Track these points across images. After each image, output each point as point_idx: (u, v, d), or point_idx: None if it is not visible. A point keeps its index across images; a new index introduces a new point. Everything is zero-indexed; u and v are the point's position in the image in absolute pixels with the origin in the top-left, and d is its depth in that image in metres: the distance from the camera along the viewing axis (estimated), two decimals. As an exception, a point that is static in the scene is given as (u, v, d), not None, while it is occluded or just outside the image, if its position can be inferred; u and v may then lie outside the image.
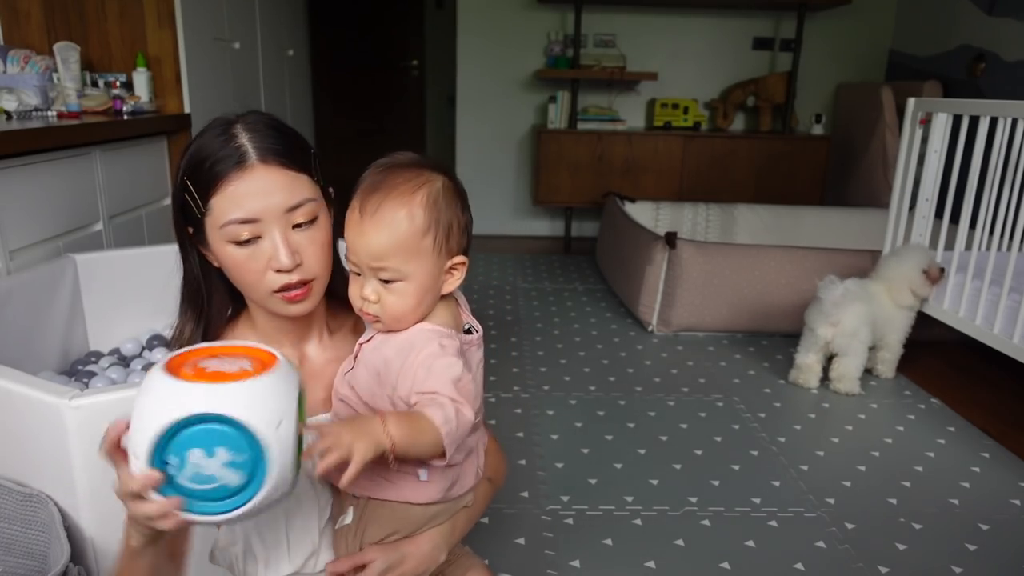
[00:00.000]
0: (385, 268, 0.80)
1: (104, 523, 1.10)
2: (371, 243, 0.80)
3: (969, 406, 2.34)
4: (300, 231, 0.83)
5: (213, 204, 0.80)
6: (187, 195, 0.82)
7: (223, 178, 0.79)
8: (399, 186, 0.81)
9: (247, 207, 0.80)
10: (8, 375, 1.09)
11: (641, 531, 1.66)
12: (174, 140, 2.59)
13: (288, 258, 0.81)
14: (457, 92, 4.52)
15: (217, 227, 0.81)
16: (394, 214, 0.79)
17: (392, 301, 0.82)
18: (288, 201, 0.81)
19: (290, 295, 0.84)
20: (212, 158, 0.80)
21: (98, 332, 1.90)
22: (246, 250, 0.81)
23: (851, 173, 4.17)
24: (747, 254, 2.90)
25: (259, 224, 0.81)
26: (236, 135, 0.81)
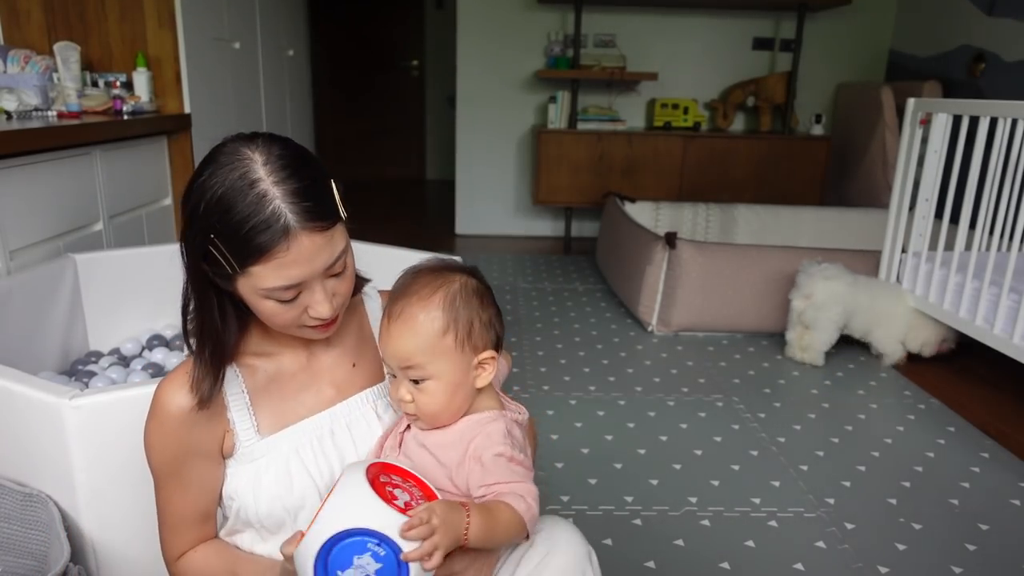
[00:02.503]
0: (412, 368, 0.86)
1: (104, 523, 1.10)
2: (397, 347, 0.85)
3: (969, 406, 2.34)
4: (335, 279, 0.84)
5: (253, 271, 0.78)
6: (215, 250, 0.77)
7: (266, 252, 0.76)
8: (419, 290, 0.86)
9: (293, 276, 0.78)
10: (8, 375, 1.09)
11: (641, 531, 1.66)
12: (174, 140, 2.59)
13: (330, 311, 0.83)
14: (457, 92, 4.52)
15: (255, 287, 0.79)
16: (415, 317, 0.85)
17: (425, 401, 0.87)
18: (328, 261, 0.81)
19: (322, 328, 0.86)
20: (248, 224, 0.75)
21: (98, 332, 1.90)
22: (286, 306, 0.82)
23: (851, 173, 4.17)
24: (747, 254, 2.90)
25: (301, 285, 0.81)
26: (266, 192, 0.75)
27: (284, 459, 0.89)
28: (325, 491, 0.90)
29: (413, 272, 0.89)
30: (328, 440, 0.92)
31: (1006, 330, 2.17)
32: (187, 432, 0.86)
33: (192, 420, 0.85)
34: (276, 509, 0.88)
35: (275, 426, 0.90)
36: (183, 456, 0.87)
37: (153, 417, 0.86)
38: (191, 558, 0.92)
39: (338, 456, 0.91)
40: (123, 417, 1.06)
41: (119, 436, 1.06)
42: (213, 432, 0.88)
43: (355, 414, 0.94)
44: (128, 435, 1.06)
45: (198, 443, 0.87)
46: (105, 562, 1.12)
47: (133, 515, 1.10)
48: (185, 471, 0.88)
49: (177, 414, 0.85)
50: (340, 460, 0.91)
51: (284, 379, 0.92)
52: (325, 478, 0.90)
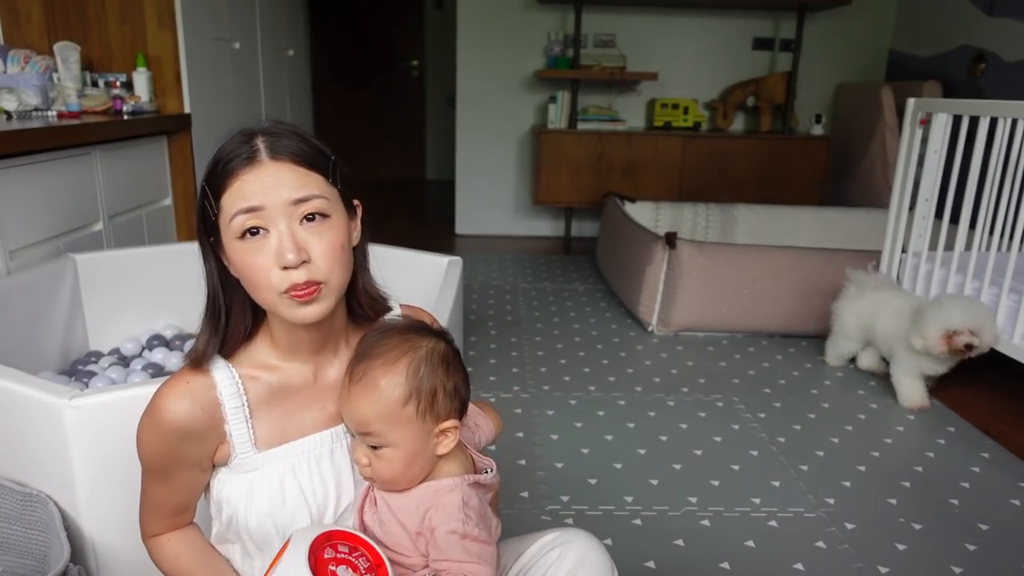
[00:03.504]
0: (370, 435, 0.83)
1: (104, 523, 1.10)
2: (356, 410, 0.83)
3: (969, 406, 2.34)
4: (309, 226, 0.80)
5: (223, 202, 0.79)
6: (205, 200, 0.81)
7: (232, 174, 0.79)
8: (384, 354, 0.84)
9: (252, 198, 0.78)
10: (8, 375, 1.09)
11: (641, 531, 1.66)
12: (174, 140, 2.59)
13: (293, 252, 0.78)
14: (457, 92, 4.52)
15: (227, 224, 0.80)
16: (376, 383, 0.82)
17: (382, 467, 0.84)
18: (295, 193, 0.79)
19: (298, 294, 0.80)
20: (226, 158, 0.80)
21: (98, 332, 1.90)
22: (251, 243, 0.79)
23: (851, 173, 4.17)
24: (747, 254, 2.90)
25: (264, 213, 0.78)
26: (254, 138, 0.81)
27: (279, 475, 0.88)
28: (317, 512, 0.88)
29: (381, 332, 0.87)
30: (326, 460, 0.90)
31: (1006, 330, 2.17)
32: (179, 443, 0.85)
33: (186, 433, 0.85)
34: (266, 525, 0.87)
35: (273, 441, 0.89)
36: (171, 461, 0.87)
37: (148, 417, 0.86)
38: (165, 543, 0.93)
39: (334, 476, 0.90)
40: (123, 417, 1.06)
41: (119, 436, 1.06)
42: (206, 447, 0.87)
43: None
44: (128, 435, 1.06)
45: (188, 455, 0.86)
46: (105, 562, 1.12)
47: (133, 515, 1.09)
48: (170, 473, 0.88)
49: (173, 424, 0.84)
50: (336, 481, 0.90)
51: (288, 394, 0.90)
52: (319, 498, 0.89)
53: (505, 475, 0.94)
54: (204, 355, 0.86)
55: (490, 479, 0.91)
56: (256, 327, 0.90)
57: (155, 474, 0.88)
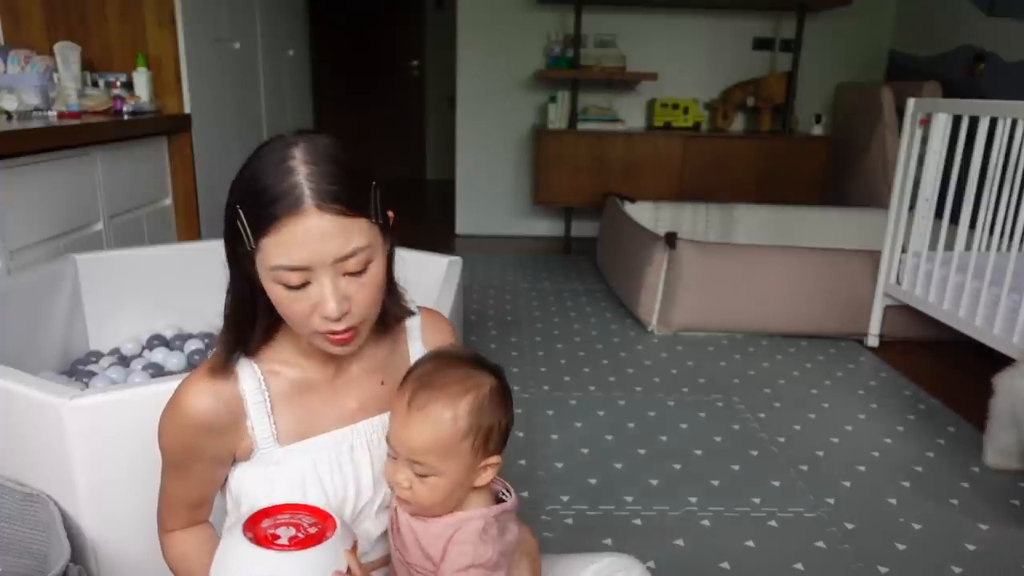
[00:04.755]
0: (422, 463, 0.83)
1: (104, 523, 1.10)
2: (413, 438, 0.83)
3: (969, 406, 2.34)
4: (351, 278, 0.79)
5: (263, 244, 0.76)
6: (239, 223, 0.78)
7: (276, 222, 0.74)
8: (449, 386, 0.83)
9: (297, 256, 0.75)
10: (8, 375, 1.09)
11: (641, 531, 1.66)
12: (174, 140, 2.59)
13: (336, 309, 0.77)
14: (457, 92, 4.52)
15: (265, 266, 0.77)
16: (440, 415, 0.82)
17: (424, 493, 0.85)
18: (340, 251, 0.76)
19: (335, 339, 0.81)
20: (267, 194, 0.75)
21: (98, 332, 1.90)
22: (294, 293, 0.78)
23: (851, 173, 4.17)
24: (747, 254, 2.90)
25: (308, 272, 0.77)
26: (294, 168, 0.75)
27: (299, 471, 0.87)
28: (337, 507, 0.88)
29: (442, 360, 0.87)
30: (346, 456, 0.90)
31: (1006, 330, 2.17)
32: (200, 438, 0.85)
33: (207, 428, 0.84)
34: None
35: (295, 436, 0.88)
36: (191, 456, 0.87)
37: (170, 411, 0.86)
38: (178, 542, 0.93)
39: (354, 474, 0.90)
40: (123, 417, 1.06)
41: (119, 436, 1.06)
42: (227, 442, 0.87)
43: (378, 433, 0.92)
44: (128, 435, 1.06)
45: (209, 449, 0.86)
46: (105, 562, 1.12)
47: (133, 515, 1.10)
48: (189, 467, 0.88)
49: (194, 419, 0.84)
50: (355, 478, 0.90)
51: (309, 390, 0.89)
52: (339, 495, 0.88)
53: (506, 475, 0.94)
54: (227, 356, 0.86)
55: (512, 503, 0.92)
56: (278, 325, 0.88)
57: (175, 468, 0.89)
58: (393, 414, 0.85)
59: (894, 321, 2.82)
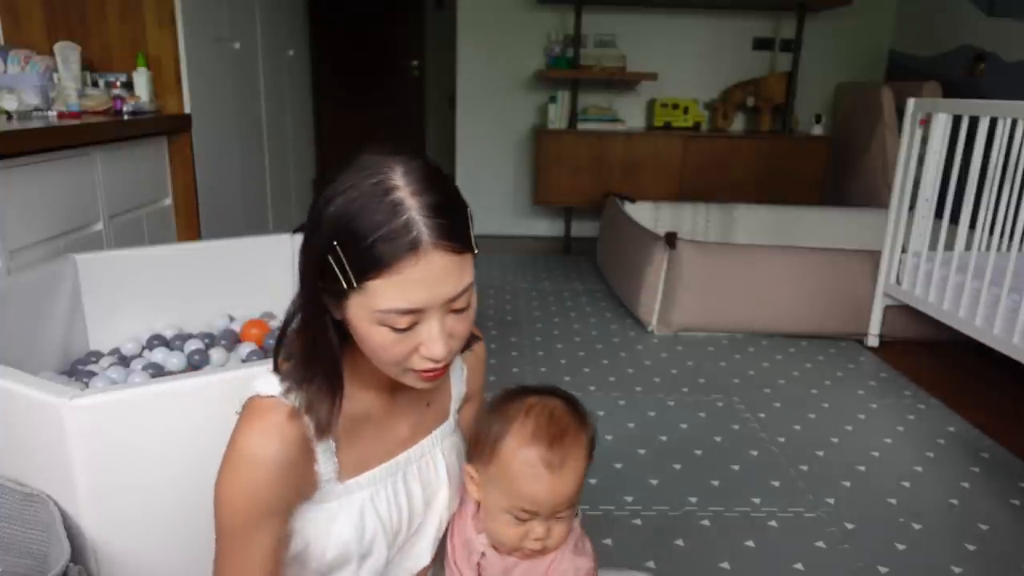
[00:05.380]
0: (568, 508, 0.86)
1: (104, 523, 1.10)
2: (563, 494, 0.85)
3: (969, 406, 2.34)
4: (455, 315, 0.75)
5: (371, 286, 0.70)
6: (333, 260, 0.70)
7: (390, 266, 0.68)
8: (569, 432, 0.87)
9: (413, 299, 0.70)
10: (8, 375, 1.09)
11: (641, 531, 1.66)
12: (174, 140, 2.59)
13: (444, 350, 0.74)
14: (457, 92, 4.52)
15: (370, 308, 0.71)
16: (577, 463, 0.86)
17: (560, 531, 0.88)
18: (454, 291, 0.72)
19: (428, 375, 0.77)
20: (377, 233, 0.68)
21: (98, 332, 1.90)
22: (399, 336, 0.73)
23: (851, 173, 4.17)
24: (747, 254, 2.90)
25: (420, 314, 0.72)
26: (403, 201, 0.69)
27: (359, 505, 0.85)
28: (392, 536, 0.88)
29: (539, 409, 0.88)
30: (400, 484, 0.89)
31: (1006, 330, 2.17)
32: (277, 487, 0.77)
33: (282, 474, 0.76)
34: (344, 554, 0.84)
35: (354, 470, 0.85)
36: (263, 516, 0.77)
37: (235, 471, 0.76)
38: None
39: (407, 498, 0.89)
40: (123, 417, 1.06)
41: (119, 436, 1.06)
42: (298, 486, 0.80)
43: (426, 457, 0.91)
44: (128, 435, 1.06)
45: (283, 499, 0.78)
46: (105, 562, 1.12)
47: (133, 515, 1.10)
48: (259, 533, 0.78)
49: (266, 466, 0.75)
50: (408, 503, 0.89)
51: (366, 422, 0.85)
52: (395, 525, 0.88)
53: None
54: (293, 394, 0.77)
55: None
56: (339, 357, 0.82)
57: (238, 540, 0.78)
58: (531, 484, 0.84)
59: (894, 321, 2.82)
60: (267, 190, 3.58)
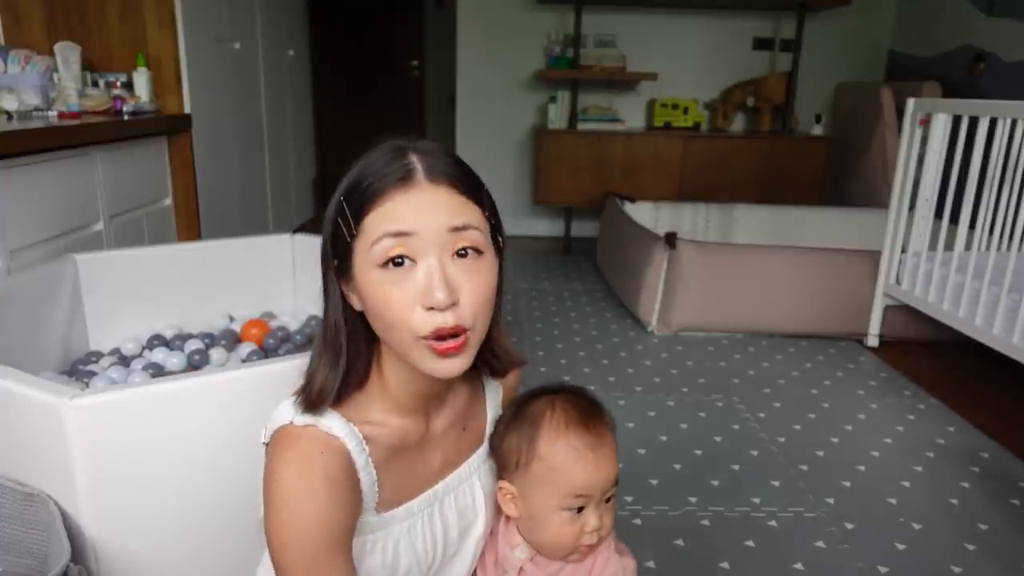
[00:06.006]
0: (614, 489, 0.88)
1: (104, 522, 1.10)
2: (608, 473, 0.86)
3: (969, 406, 2.34)
4: (461, 263, 0.70)
5: (366, 223, 0.69)
6: (340, 218, 0.71)
7: (382, 194, 0.68)
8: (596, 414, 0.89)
9: (404, 221, 0.68)
10: (8, 375, 1.09)
11: (641, 531, 1.66)
12: (174, 140, 2.59)
13: (444, 291, 0.67)
14: (457, 92, 4.52)
15: (367, 249, 0.69)
16: (610, 439, 0.89)
17: (610, 518, 0.89)
18: (452, 220, 0.69)
19: (442, 346, 0.69)
20: (374, 175, 0.69)
21: (98, 332, 1.90)
22: (393, 274, 0.68)
23: (851, 173, 4.17)
24: (747, 254, 2.91)
25: (414, 240, 0.68)
26: (406, 154, 0.71)
27: (394, 540, 0.81)
28: (426, 569, 0.85)
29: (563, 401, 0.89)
30: (436, 516, 0.86)
31: (1006, 330, 2.17)
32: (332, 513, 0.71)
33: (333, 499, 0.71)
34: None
35: (392, 502, 0.81)
36: (326, 551, 0.71)
37: (284, 509, 0.70)
38: None
39: (443, 528, 0.86)
40: (123, 417, 1.06)
41: (119, 436, 1.06)
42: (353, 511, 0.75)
43: (463, 485, 0.89)
44: (128, 434, 1.06)
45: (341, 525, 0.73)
46: (105, 561, 1.12)
47: (133, 514, 1.10)
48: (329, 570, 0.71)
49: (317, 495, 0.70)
50: (444, 532, 0.86)
51: (403, 451, 0.81)
52: (429, 555, 0.85)
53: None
54: (322, 395, 0.74)
55: None
56: (368, 372, 0.79)
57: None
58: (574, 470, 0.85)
59: (894, 321, 2.82)
60: (267, 190, 3.58)
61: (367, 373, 0.78)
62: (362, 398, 0.78)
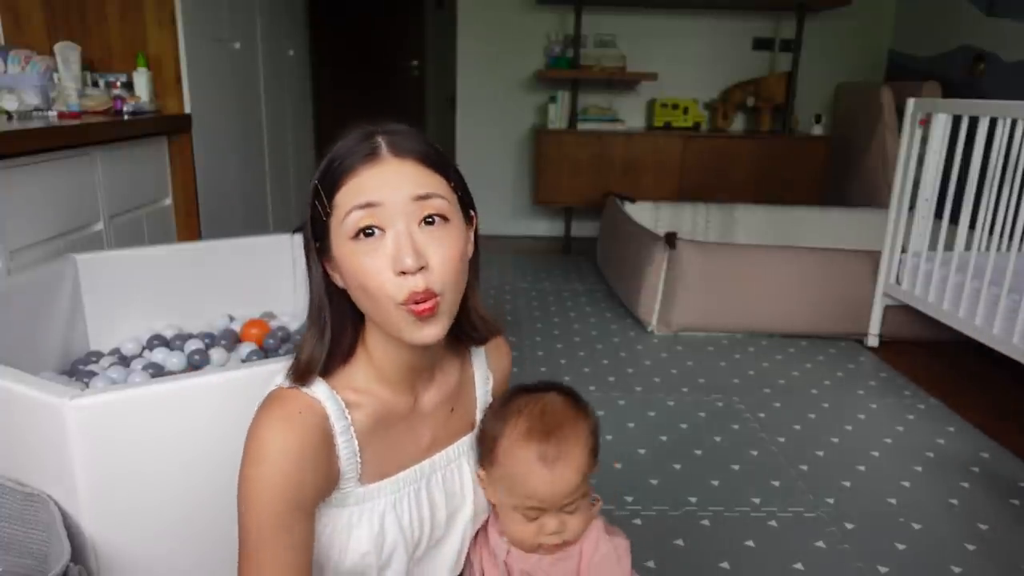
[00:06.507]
0: (574, 500, 0.86)
1: (104, 522, 1.10)
2: (564, 487, 0.85)
3: (969, 406, 2.34)
4: (428, 230, 0.73)
5: (338, 199, 0.73)
6: (316, 200, 0.75)
7: (351, 171, 0.73)
8: (564, 425, 0.87)
9: (371, 193, 0.72)
10: (8, 375, 1.09)
11: (641, 531, 1.66)
12: (174, 140, 2.59)
13: (412, 256, 0.71)
14: (457, 92, 4.52)
15: (340, 224, 0.73)
16: (574, 452, 0.86)
17: (576, 522, 0.88)
18: (417, 190, 0.73)
19: (418, 309, 0.72)
20: (344, 155, 0.74)
21: (98, 332, 1.90)
22: (365, 244, 0.72)
23: (851, 173, 4.17)
24: (747, 254, 2.91)
25: (382, 210, 0.72)
26: (374, 135, 0.75)
27: (380, 512, 0.82)
28: (413, 547, 0.86)
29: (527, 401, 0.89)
30: (423, 493, 0.87)
31: (1006, 330, 2.17)
32: (302, 476, 0.75)
33: (305, 463, 0.75)
34: (360, 565, 0.82)
35: (376, 474, 0.82)
36: (291, 510, 0.74)
37: (258, 464, 0.74)
38: None
39: (430, 509, 0.87)
40: (123, 417, 1.06)
41: (119, 436, 1.06)
42: (325, 474, 0.77)
43: (451, 466, 0.90)
44: (128, 434, 1.06)
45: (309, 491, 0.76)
46: (106, 561, 1.12)
47: (134, 514, 1.10)
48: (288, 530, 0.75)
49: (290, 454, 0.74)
50: (431, 513, 0.87)
51: (388, 423, 0.83)
52: (416, 534, 0.85)
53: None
54: (309, 367, 0.78)
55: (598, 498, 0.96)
56: (354, 348, 0.82)
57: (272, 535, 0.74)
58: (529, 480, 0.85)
59: (894, 321, 2.82)
60: (267, 190, 3.58)
61: (352, 348, 0.82)
62: (349, 369, 0.82)
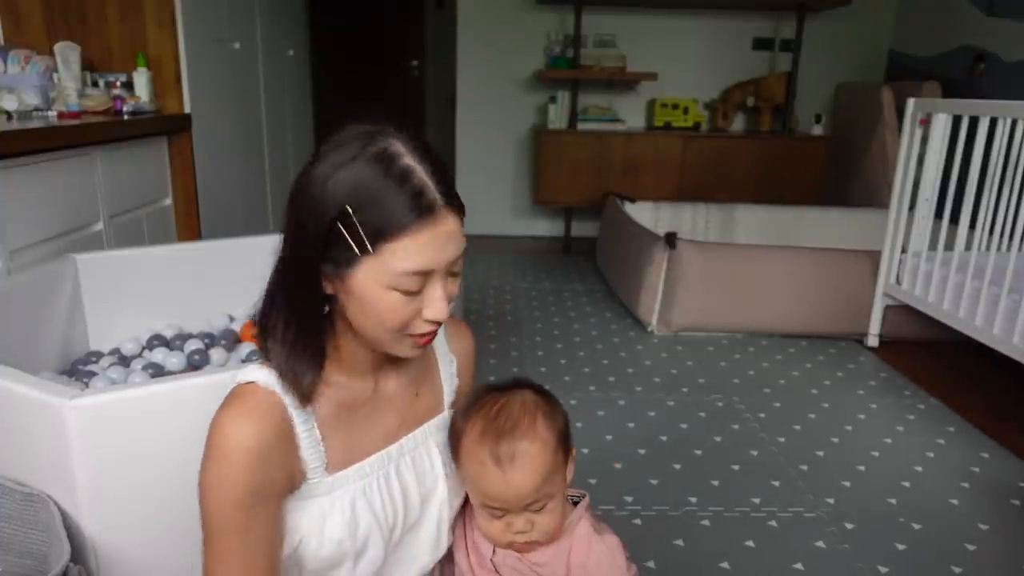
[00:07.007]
0: (536, 500, 0.85)
1: (104, 522, 1.10)
2: (519, 488, 0.84)
3: (969, 406, 2.34)
4: (452, 279, 0.79)
5: (386, 251, 0.72)
6: (346, 227, 0.72)
7: (410, 227, 0.71)
8: (518, 423, 0.85)
9: (427, 259, 0.73)
10: (8, 375, 1.09)
11: (641, 531, 1.66)
12: (174, 140, 2.59)
13: (446, 313, 0.77)
14: (457, 92, 4.52)
15: (383, 272, 0.73)
16: (528, 453, 0.84)
17: (547, 521, 0.86)
18: (457, 252, 0.76)
19: (422, 341, 0.78)
20: (396, 198, 0.71)
21: (98, 332, 1.90)
22: (407, 299, 0.74)
23: (851, 173, 4.17)
24: (747, 254, 2.90)
25: (428, 276, 0.75)
26: (412, 167, 0.73)
27: (351, 500, 0.83)
28: (388, 532, 0.86)
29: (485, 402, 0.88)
30: (394, 477, 0.87)
31: (1006, 330, 2.17)
32: (259, 472, 0.75)
33: (265, 456, 0.75)
34: (337, 553, 0.82)
35: (343, 462, 0.83)
36: (251, 505, 0.75)
37: (214, 459, 0.75)
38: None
39: (402, 493, 0.88)
40: (123, 417, 1.06)
41: (119, 436, 1.06)
42: (286, 468, 0.78)
43: (419, 449, 0.90)
44: (128, 435, 1.06)
45: (272, 483, 0.77)
46: (105, 561, 1.12)
47: (133, 514, 1.10)
48: (249, 526, 0.75)
49: (247, 451, 0.74)
50: (404, 498, 0.88)
51: (352, 410, 0.84)
52: (389, 519, 0.86)
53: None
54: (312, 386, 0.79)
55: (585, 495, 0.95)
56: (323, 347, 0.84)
57: (233, 532, 0.75)
58: (482, 480, 0.85)
59: (894, 321, 2.82)
60: (267, 190, 3.58)
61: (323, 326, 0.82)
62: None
